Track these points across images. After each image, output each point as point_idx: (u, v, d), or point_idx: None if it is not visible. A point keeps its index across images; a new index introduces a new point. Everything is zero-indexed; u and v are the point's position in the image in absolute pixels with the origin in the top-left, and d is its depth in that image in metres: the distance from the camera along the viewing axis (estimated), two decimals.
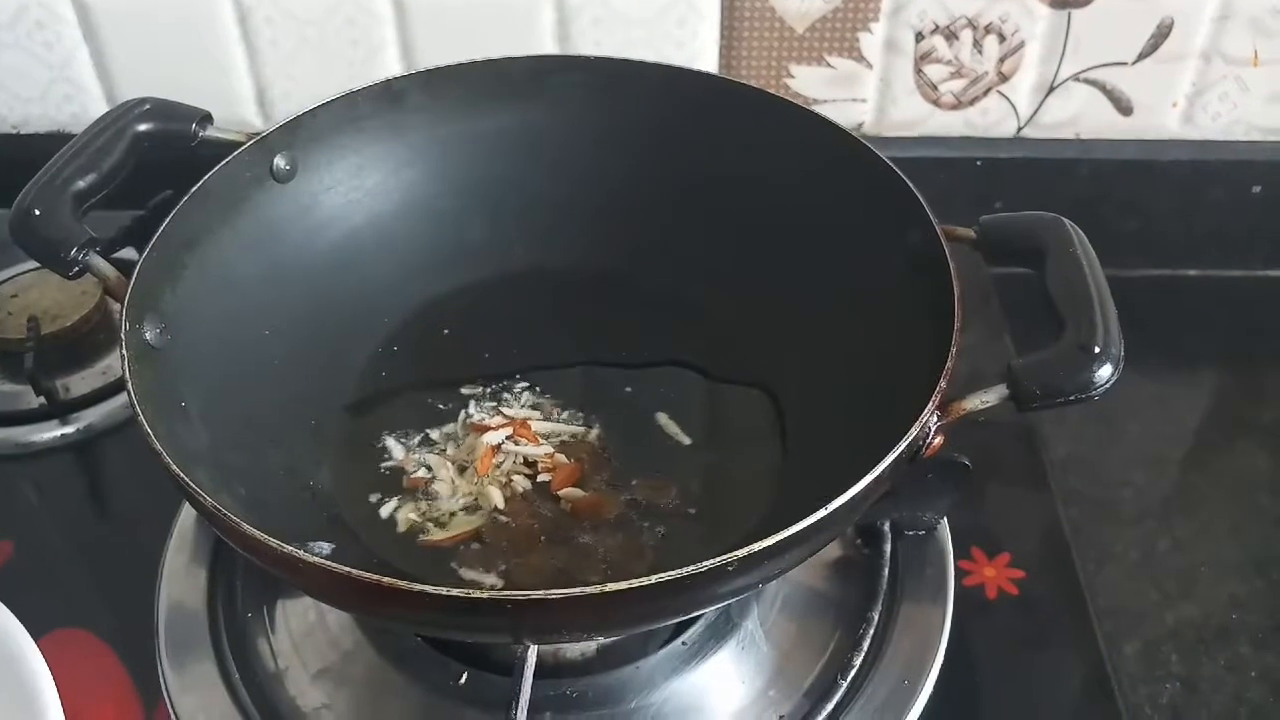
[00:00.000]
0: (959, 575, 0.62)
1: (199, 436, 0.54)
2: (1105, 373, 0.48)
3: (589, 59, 0.68)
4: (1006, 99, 0.83)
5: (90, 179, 0.58)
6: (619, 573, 0.55)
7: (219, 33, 0.81)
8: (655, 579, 0.42)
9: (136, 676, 0.59)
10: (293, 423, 0.61)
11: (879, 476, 0.46)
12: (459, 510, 0.59)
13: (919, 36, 0.80)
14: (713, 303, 0.68)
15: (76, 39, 0.82)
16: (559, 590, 0.42)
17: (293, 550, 0.44)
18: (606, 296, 0.69)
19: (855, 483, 0.45)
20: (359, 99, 0.65)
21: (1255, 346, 0.82)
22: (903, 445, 0.46)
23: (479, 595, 0.43)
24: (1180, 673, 0.62)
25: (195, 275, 0.58)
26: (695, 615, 0.57)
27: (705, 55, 0.82)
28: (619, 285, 0.69)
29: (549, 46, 0.81)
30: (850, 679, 0.56)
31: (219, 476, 0.52)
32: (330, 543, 0.54)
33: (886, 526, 0.62)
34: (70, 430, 0.73)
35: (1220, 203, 0.85)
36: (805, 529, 0.44)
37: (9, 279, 0.79)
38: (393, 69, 0.82)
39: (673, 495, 0.60)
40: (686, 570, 0.42)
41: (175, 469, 0.47)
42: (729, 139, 0.66)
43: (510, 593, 0.44)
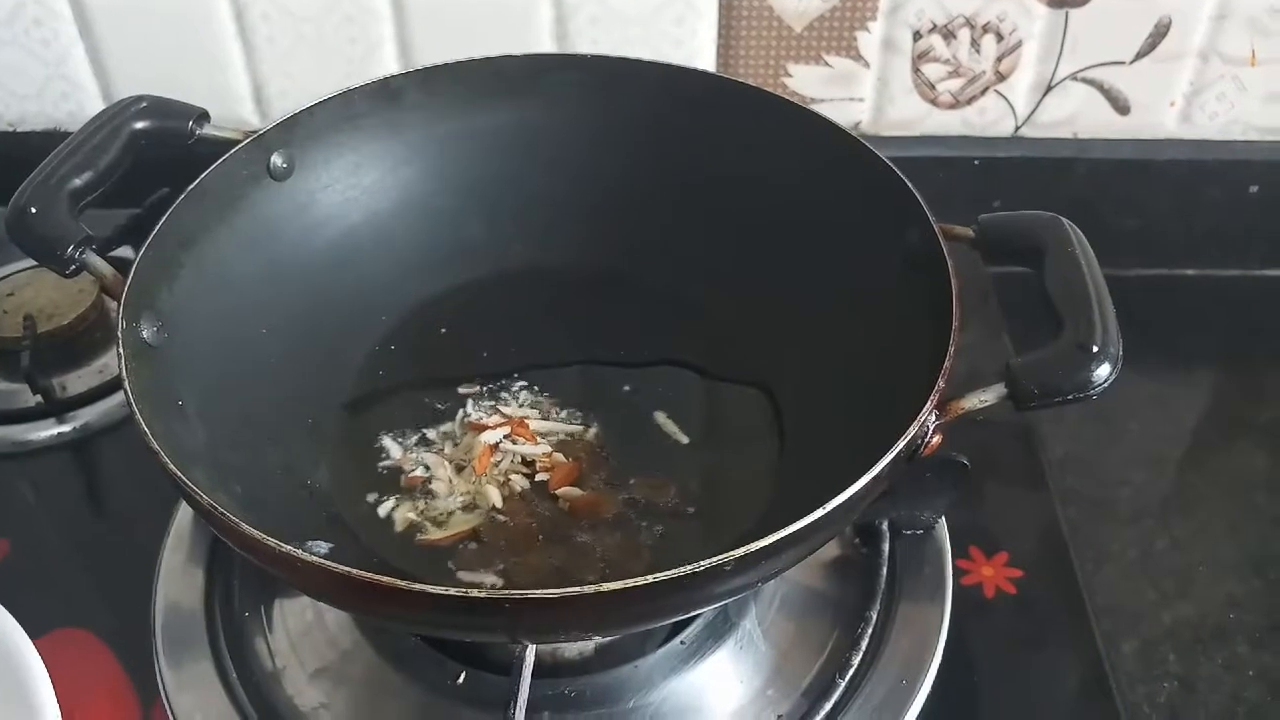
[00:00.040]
0: (957, 574, 0.62)
1: (196, 435, 0.54)
2: (1103, 372, 0.48)
3: (586, 57, 0.68)
4: (1004, 98, 0.83)
5: (87, 177, 0.58)
6: (617, 572, 0.55)
7: (215, 29, 0.81)
8: (653, 578, 0.42)
9: (133, 676, 0.59)
10: (290, 421, 0.61)
11: (877, 476, 0.46)
12: (457, 509, 0.59)
13: (917, 35, 0.80)
14: (711, 302, 0.68)
15: (73, 36, 0.82)
16: (557, 589, 0.42)
17: (290, 549, 0.44)
18: (604, 295, 0.69)
19: (853, 482, 0.45)
20: (356, 97, 0.65)
21: (1253, 346, 0.82)
22: (901, 444, 0.46)
23: (477, 594, 0.43)
24: (1178, 672, 0.62)
25: (192, 273, 0.58)
26: (693, 615, 0.57)
27: (703, 54, 0.82)
28: (617, 284, 0.69)
29: (547, 45, 0.81)
30: (848, 678, 0.56)
31: (216, 475, 0.52)
32: (328, 542, 0.54)
33: (885, 526, 0.62)
34: (67, 429, 0.72)
35: (1218, 202, 0.85)
36: (803, 528, 0.44)
37: (5, 277, 0.79)
38: (390, 67, 0.82)
39: (671, 494, 0.60)
40: (684, 570, 0.42)
41: (172, 468, 0.47)
42: (727, 138, 0.66)
43: (508, 592, 0.44)
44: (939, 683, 0.57)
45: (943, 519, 0.63)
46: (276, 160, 0.63)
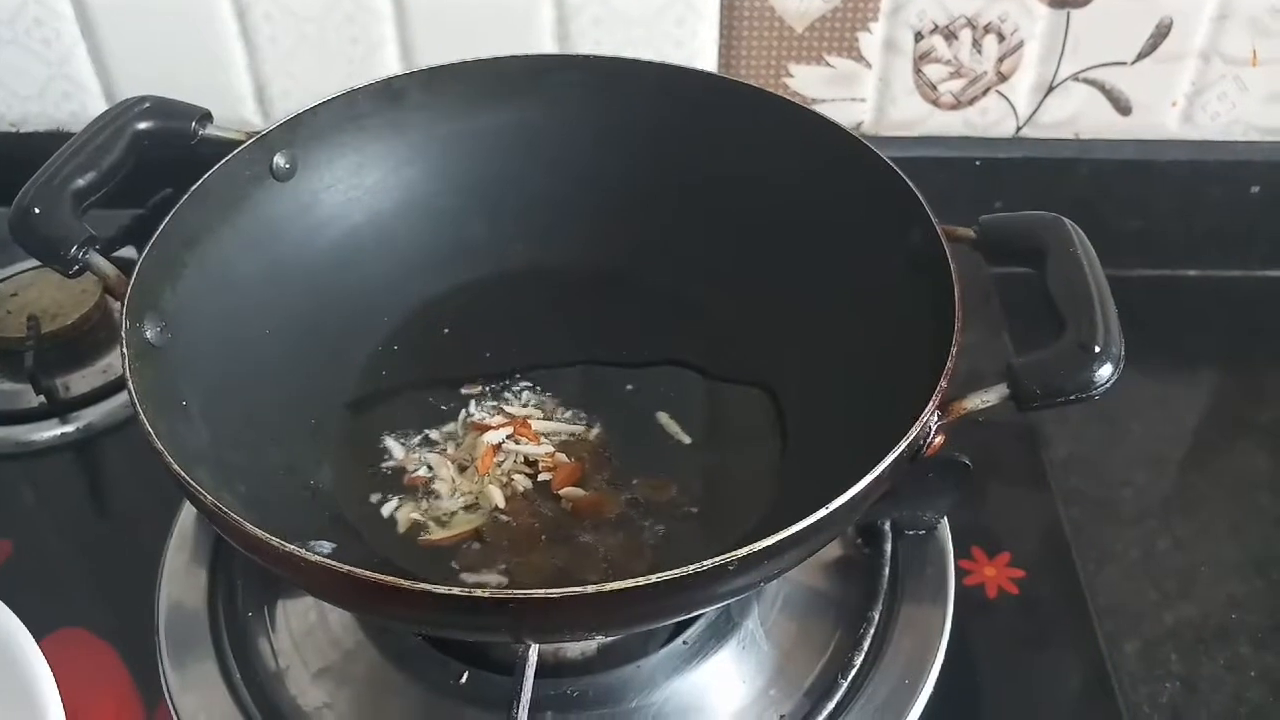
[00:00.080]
0: (959, 575, 0.62)
1: (199, 435, 0.54)
2: (1106, 372, 0.48)
3: (588, 58, 0.68)
4: (1005, 99, 0.83)
5: (90, 177, 0.58)
6: (619, 572, 0.55)
7: (218, 29, 0.81)
8: (655, 578, 0.42)
9: (137, 676, 0.59)
10: (293, 421, 0.61)
11: (879, 476, 0.46)
12: (460, 509, 0.59)
13: (918, 36, 0.80)
14: (713, 302, 0.68)
15: (75, 36, 0.82)
16: (559, 589, 0.42)
17: (294, 549, 0.44)
18: (606, 295, 0.69)
19: (856, 482, 0.45)
20: (359, 97, 0.65)
21: (1255, 346, 0.82)
22: (903, 445, 0.46)
23: (480, 594, 0.43)
24: (1180, 672, 0.62)
25: (195, 274, 0.58)
26: (696, 615, 0.57)
27: (704, 54, 0.82)
28: (619, 284, 0.69)
29: (548, 45, 0.81)
30: (851, 678, 0.56)
31: (220, 475, 0.52)
32: (331, 542, 0.54)
33: (887, 526, 0.62)
34: (70, 429, 0.72)
35: (1219, 202, 0.85)
36: (805, 528, 0.44)
37: (9, 278, 0.79)
38: (392, 67, 0.82)
39: (673, 494, 0.60)
40: (687, 570, 0.42)
41: (176, 467, 0.47)
42: (728, 138, 0.66)
43: (511, 591, 0.44)
44: (941, 683, 0.57)
45: (945, 519, 0.63)
46: (279, 160, 0.63)
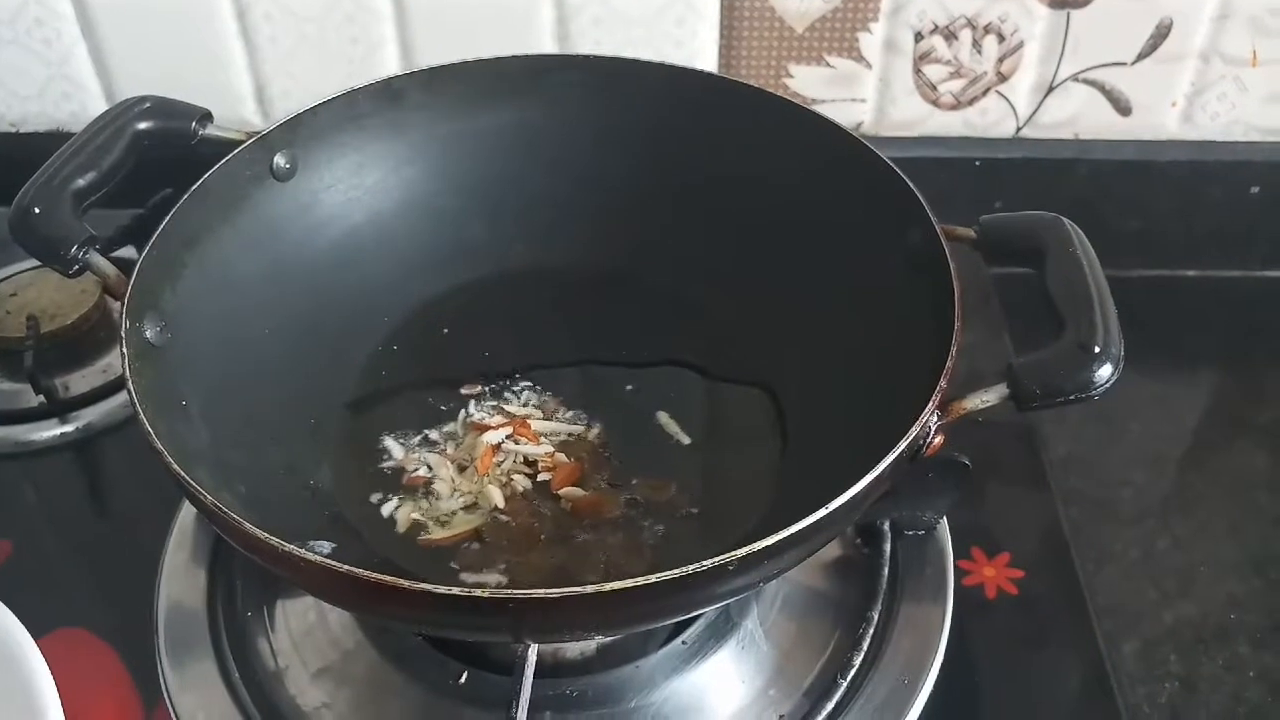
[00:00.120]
0: (958, 575, 0.62)
1: (199, 435, 0.54)
2: (1105, 372, 0.48)
3: (588, 58, 0.68)
4: (1005, 99, 0.83)
5: (90, 177, 0.58)
6: (619, 572, 0.55)
7: (218, 29, 0.81)
8: (655, 578, 0.42)
9: (136, 675, 0.59)
10: (293, 421, 0.61)
11: (879, 476, 0.46)
12: (459, 509, 0.59)
13: (918, 36, 0.80)
14: (713, 302, 0.68)
15: (75, 36, 0.82)
16: (559, 589, 0.42)
17: (294, 549, 0.44)
18: (606, 295, 0.69)
19: (855, 482, 0.45)
20: (359, 97, 0.65)
21: (1254, 346, 0.82)
22: (903, 445, 0.46)
23: (480, 594, 0.43)
24: (1179, 672, 0.62)
25: (195, 274, 0.58)
26: (695, 615, 0.57)
27: (704, 55, 0.82)
28: (619, 284, 0.69)
29: (548, 45, 0.81)
30: (850, 678, 0.56)
31: (219, 475, 0.52)
32: (331, 541, 0.54)
33: (886, 526, 0.62)
34: (70, 429, 0.72)
35: (1219, 203, 0.85)
36: (805, 528, 0.44)
37: (8, 277, 0.79)
38: (391, 67, 0.82)
39: (673, 494, 0.60)
40: (686, 569, 0.42)
41: (176, 467, 0.47)
42: (728, 138, 0.66)
43: (511, 591, 0.44)
44: (940, 683, 0.57)
45: (944, 519, 0.63)
46: (279, 160, 0.63)
